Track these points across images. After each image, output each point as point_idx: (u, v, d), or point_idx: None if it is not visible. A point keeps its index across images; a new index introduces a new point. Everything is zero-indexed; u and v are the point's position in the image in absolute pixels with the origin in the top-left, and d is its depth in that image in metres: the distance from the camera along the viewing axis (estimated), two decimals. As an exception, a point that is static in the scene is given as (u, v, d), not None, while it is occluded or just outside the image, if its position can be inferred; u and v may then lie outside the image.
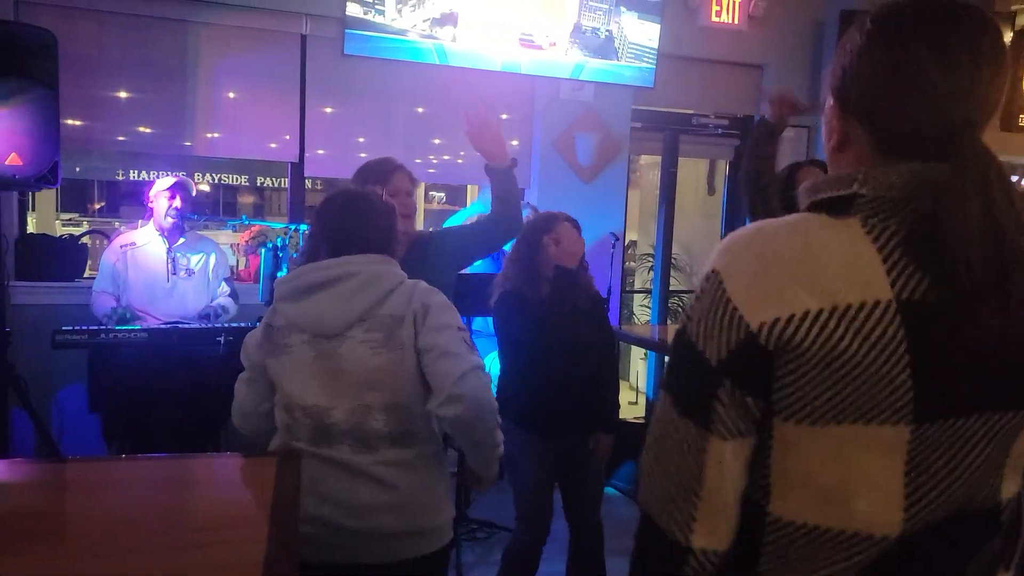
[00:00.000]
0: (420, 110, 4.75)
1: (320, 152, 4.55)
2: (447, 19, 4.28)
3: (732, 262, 0.93)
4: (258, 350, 1.99)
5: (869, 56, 0.94)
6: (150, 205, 3.77)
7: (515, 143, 4.96)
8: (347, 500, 1.87)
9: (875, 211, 0.91)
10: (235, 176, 12.04)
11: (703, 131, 5.49)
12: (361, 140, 4.67)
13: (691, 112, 5.44)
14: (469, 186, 6.89)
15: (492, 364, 4.23)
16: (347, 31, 4.12)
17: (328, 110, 4.55)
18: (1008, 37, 5.10)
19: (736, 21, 5.16)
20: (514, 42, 4.49)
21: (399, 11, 4.18)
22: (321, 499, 1.86)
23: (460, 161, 4.95)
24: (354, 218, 1.96)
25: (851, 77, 0.96)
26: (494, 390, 3.02)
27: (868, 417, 0.88)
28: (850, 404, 0.88)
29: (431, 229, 2.93)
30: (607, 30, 4.67)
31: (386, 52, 4.24)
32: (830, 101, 0.99)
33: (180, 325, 3.55)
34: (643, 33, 4.75)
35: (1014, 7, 5.21)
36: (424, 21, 4.24)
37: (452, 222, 5.56)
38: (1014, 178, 5.89)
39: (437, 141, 4.86)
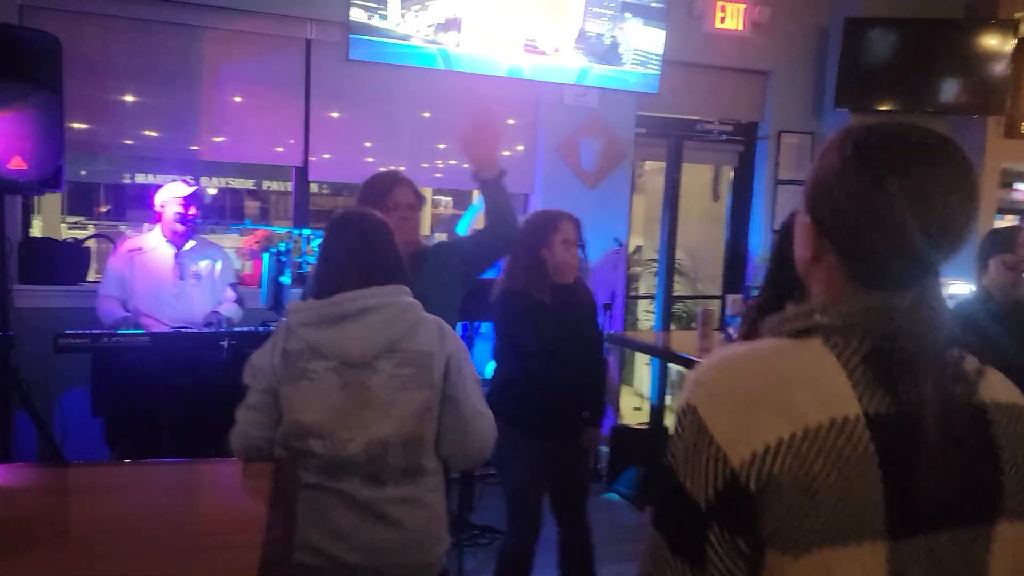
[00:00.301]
0: (426, 115, 4.76)
1: (326, 157, 4.56)
2: (451, 24, 4.29)
3: (707, 396, 0.94)
4: (273, 375, 1.90)
5: (844, 185, 0.95)
6: (157, 210, 3.77)
7: (520, 148, 4.97)
8: (353, 536, 1.86)
9: (836, 331, 0.94)
10: (241, 180, 12.04)
11: (707, 137, 5.49)
12: (368, 145, 4.68)
13: (696, 118, 5.44)
14: (475, 191, 6.89)
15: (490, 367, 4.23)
16: (351, 36, 4.13)
17: (334, 115, 4.56)
18: (1012, 44, 5.10)
19: (740, 27, 5.17)
20: (518, 47, 4.50)
21: (403, 16, 4.19)
22: (326, 533, 1.86)
23: (466, 166, 4.93)
24: (377, 246, 1.97)
25: (825, 200, 0.97)
26: (487, 389, 3.02)
27: (847, 538, 0.89)
28: (830, 526, 0.89)
29: (437, 241, 2.93)
30: (612, 36, 4.68)
31: (390, 57, 4.25)
32: (805, 217, 1.01)
33: (184, 329, 3.55)
34: (648, 39, 4.75)
35: (1017, 14, 5.20)
36: (428, 26, 4.25)
37: (462, 223, 5.56)
38: (1019, 186, 5.86)
39: (442, 146, 4.87)
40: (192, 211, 3.71)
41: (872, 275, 0.95)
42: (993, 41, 5.13)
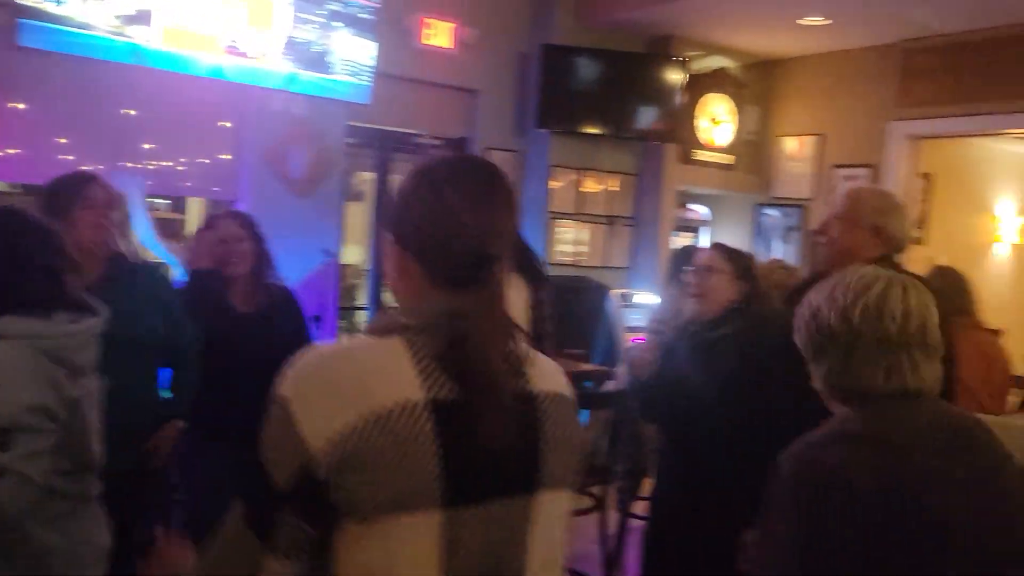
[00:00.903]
0: (130, 112, 4.41)
1: (10, 152, 4.06)
2: (141, 17, 3.99)
3: (297, 389, 1.06)
4: (62, 408, 1.75)
5: (415, 205, 1.14)
6: None
7: (225, 154, 4.77)
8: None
9: (415, 332, 1.09)
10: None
11: (419, 151, 5.59)
12: (62, 142, 4.24)
13: (407, 131, 5.53)
14: (191, 197, 6.49)
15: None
16: (20, 20, 3.71)
17: (15, 106, 4.07)
18: (683, 79, 5.74)
19: (449, 45, 5.34)
20: (220, 48, 4.30)
21: (83, 3, 3.83)
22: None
23: (181, 168, 4.67)
24: (62, 248, 1.86)
25: (402, 220, 1.15)
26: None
27: (408, 507, 1.03)
28: (393, 497, 1.02)
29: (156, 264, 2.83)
30: (321, 44, 4.62)
31: (72, 47, 3.87)
32: (390, 238, 1.17)
33: None
34: (358, 50, 4.75)
35: (687, 54, 5.86)
36: (115, 17, 3.92)
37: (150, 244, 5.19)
38: (690, 206, 6.57)
39: (150, 146, 4.53)
40: None
41: (446, 280, 1.12)
42: (669, 76, 5.74)
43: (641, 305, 5.46)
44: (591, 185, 5.97)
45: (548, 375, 1.20)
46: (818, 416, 1.38)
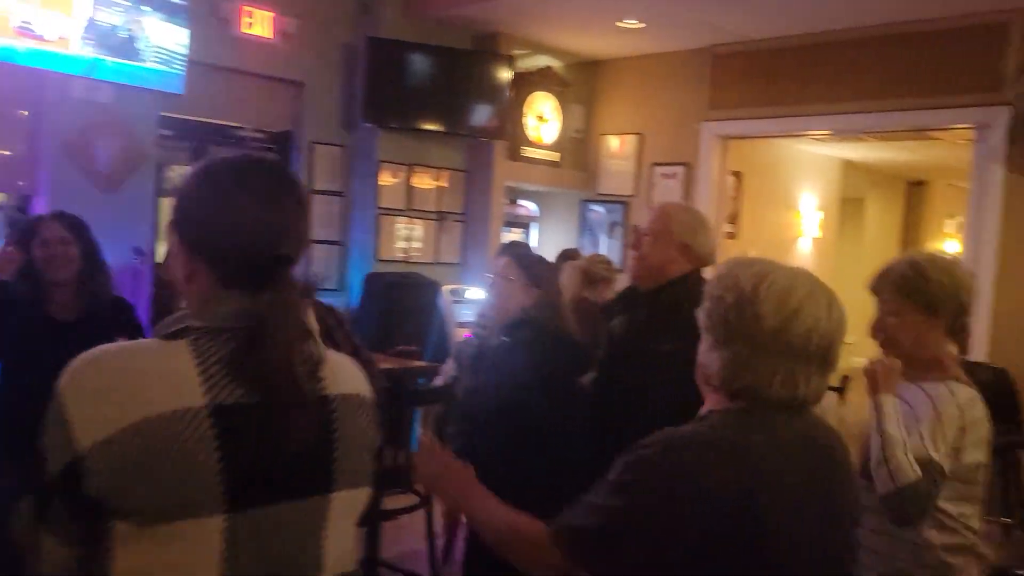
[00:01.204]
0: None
1: None
2: (-88, -8, 3.61)
3: (72, 386, 1.04)
4: None
5: (203, 204, 1.12)
6: None
7: (20, 144, 4.39)
8: None
9: (202, 335, 1.07)
10: None
11: (240, 144, 5.37)
12: None
13: (228, 123, 5.30)
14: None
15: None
16: None
17: None
18: (509, 77, 5.82)
19: (270, 35, 5.16)
20: (11, 29, 3.94)
21: None
22: None
23: None
24: None
25: (190, 222, 1.13)
26: None
27: (188, 512, 1.01)
28: (172, 503, 1.01)
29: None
30: (128, 29, 4.33)
31: None
32: (176, 240, 1.13)
33: None
34: (169, 37, 4.49)
35: (514, 51, 5.95)
36: None
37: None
38: (520, 202, 6.67)
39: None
40: None
41: (237, 282, 1.09)
42: (496, 74, 5.81)
43: (472, 301, 5.51)
44: (421, 181, 5.94)
45: (343, 376, 1.19)
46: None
